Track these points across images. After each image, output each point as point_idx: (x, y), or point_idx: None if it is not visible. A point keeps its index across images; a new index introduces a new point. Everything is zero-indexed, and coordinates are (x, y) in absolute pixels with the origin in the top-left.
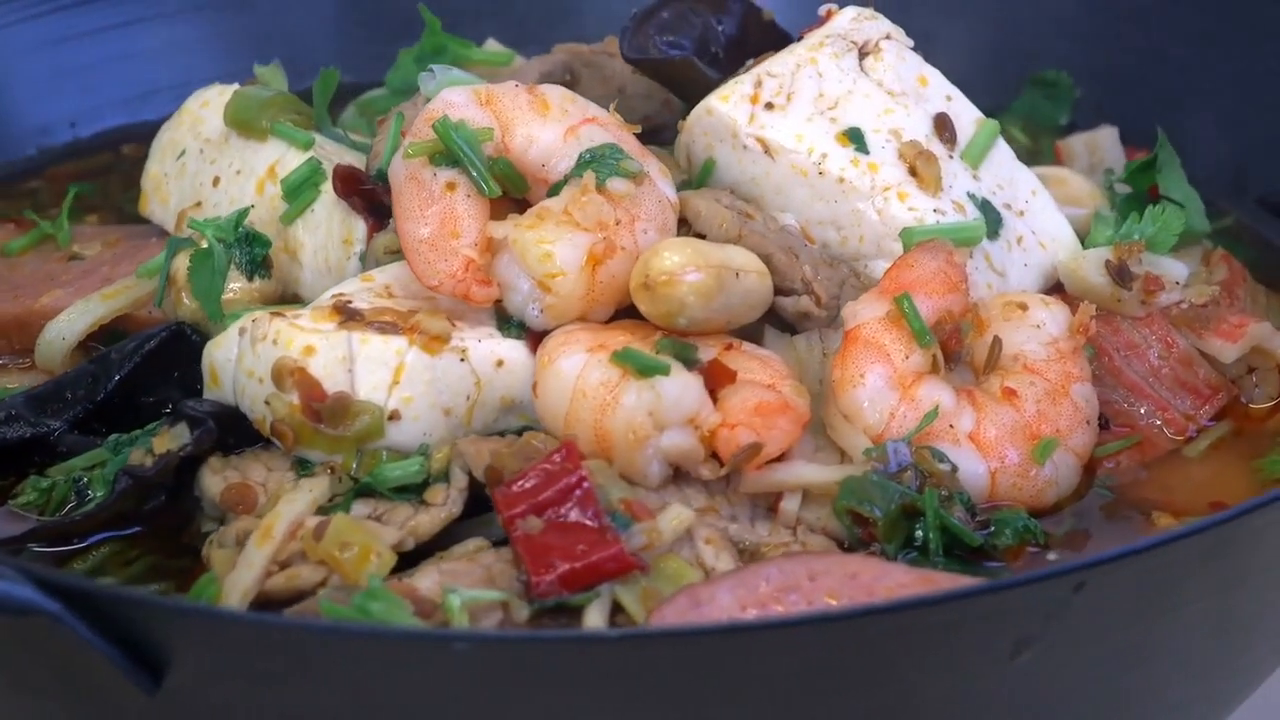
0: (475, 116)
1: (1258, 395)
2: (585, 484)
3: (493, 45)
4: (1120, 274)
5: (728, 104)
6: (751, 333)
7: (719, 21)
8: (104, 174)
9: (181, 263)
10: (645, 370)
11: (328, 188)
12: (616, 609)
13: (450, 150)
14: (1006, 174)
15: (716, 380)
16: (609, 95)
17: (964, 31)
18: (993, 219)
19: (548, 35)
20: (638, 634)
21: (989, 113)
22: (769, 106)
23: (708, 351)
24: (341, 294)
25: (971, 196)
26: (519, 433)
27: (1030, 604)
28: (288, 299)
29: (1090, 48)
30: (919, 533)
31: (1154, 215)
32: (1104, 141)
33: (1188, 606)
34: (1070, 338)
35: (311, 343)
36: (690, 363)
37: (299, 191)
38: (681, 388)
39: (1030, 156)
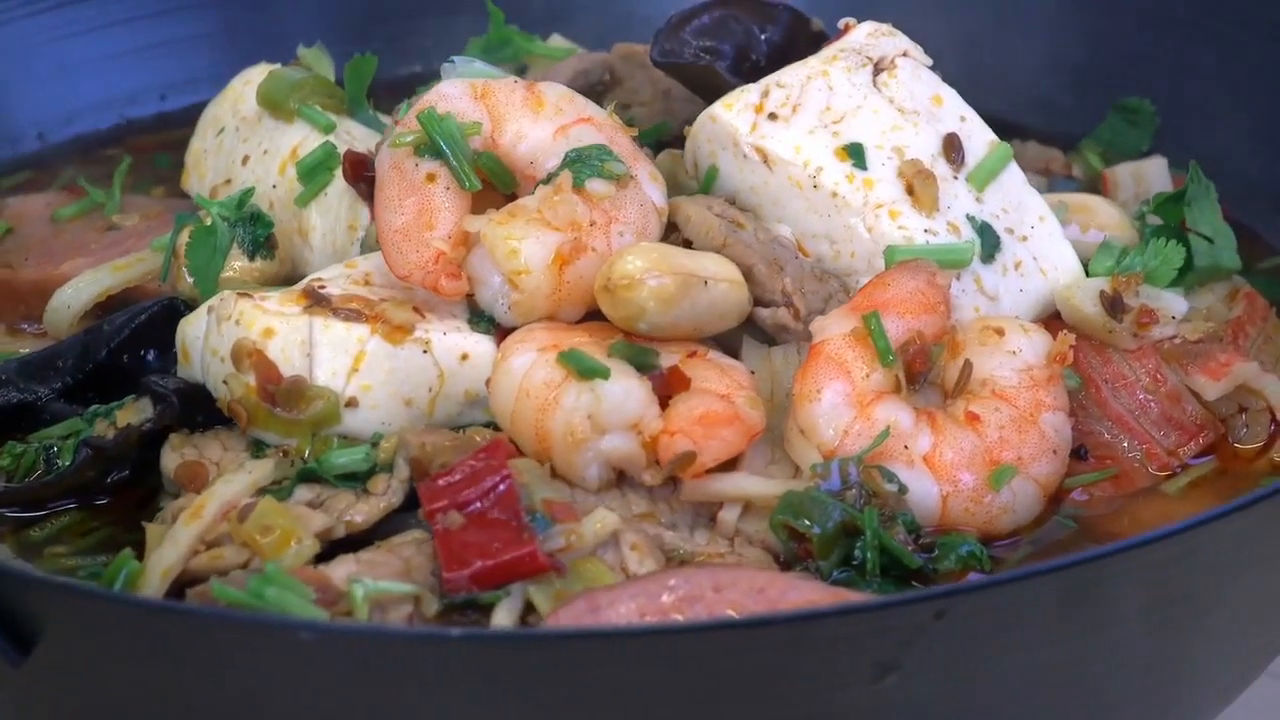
0: (467, 109)
1: (1245, 435)
2: (507, 482)
3: (557, 41)
4: (1113, 305)
5: (731, 112)
6: (728, 342)
7: (762, 30)
8: (183, 147)
9: (185, 239)
10: (585, 373)
11: (340, 173)
12: (530, 609)
13: (433, 141)
14: (1014, 198)
15: (670, 387)
16: (655, 97)
17: (1050, 55)
18: (990, 242)
19: (617, 35)
20: (477, 636)
21: (1071, 139)
22: (772, 117)
23: (670, 358)
24: (318, 279)
25: (971, 219)
26: (488, 426)
27: (888, 628)
28: (295, 280)
29: (1175, 76)
30: (859, 552)
31: (1156, 248)
32: (1150, 171)
33: (1046, 648)
34: (1047, 366)
35: (272, 325)
36: (647, 368)
37: (313, 174)
38: (624, 392)
39: (1094, 183)
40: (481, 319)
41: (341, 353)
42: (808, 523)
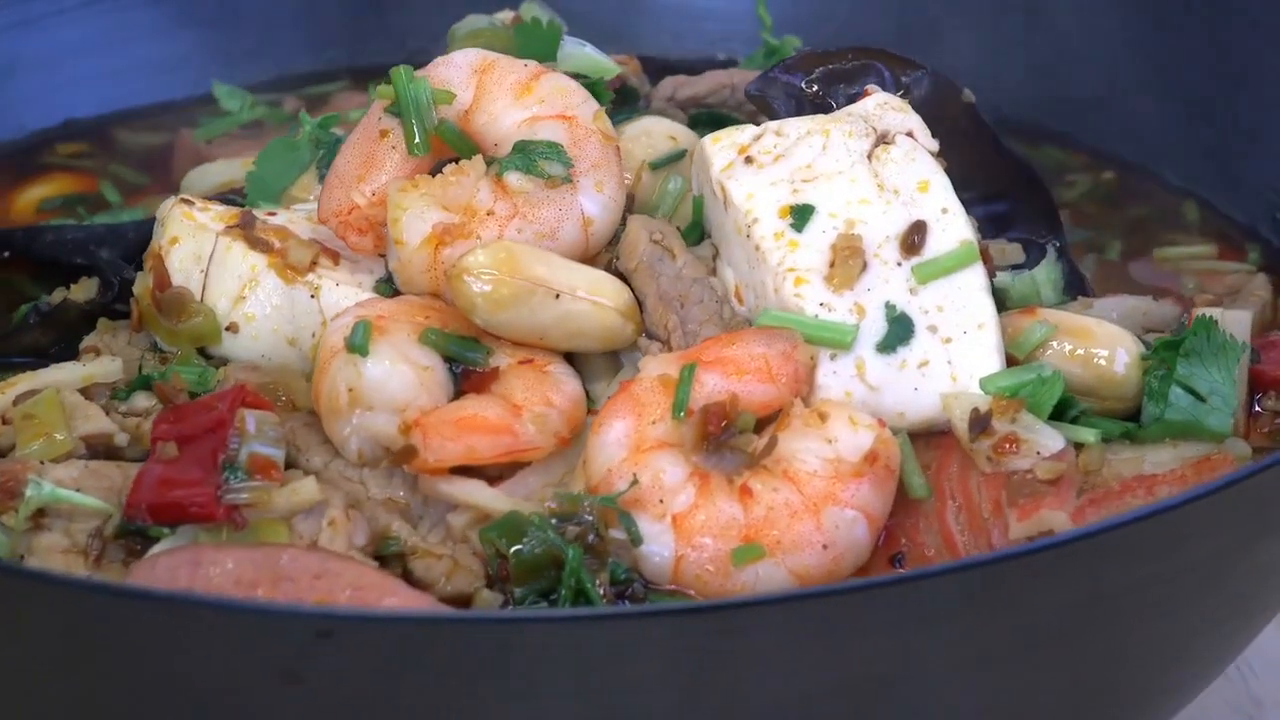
0: (454, 79)
1: None
2: (223, 428)
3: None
4: (976, 424)
5: (715, 146)
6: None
7: (898, 88)
8: None
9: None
10: (350, 348)
11: None
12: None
13: (398, 100)
14: (959, 300)
15: (470, 385)
16: None
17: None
18: (898, 334)
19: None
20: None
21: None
22: (749, 160)
23: (501, 358)
24: (274, 211)
25: (890, 306)
26: None
27: (286, 638)
28: None
29: None
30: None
31: (1042, 379)
32: (1230, 321)
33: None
34: (861, 463)
35: (179, 234)
36: (463, 360)
37: None
38: (385, 374)
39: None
40: (387, 283)
41: (234, 277)
42: (506, 543)
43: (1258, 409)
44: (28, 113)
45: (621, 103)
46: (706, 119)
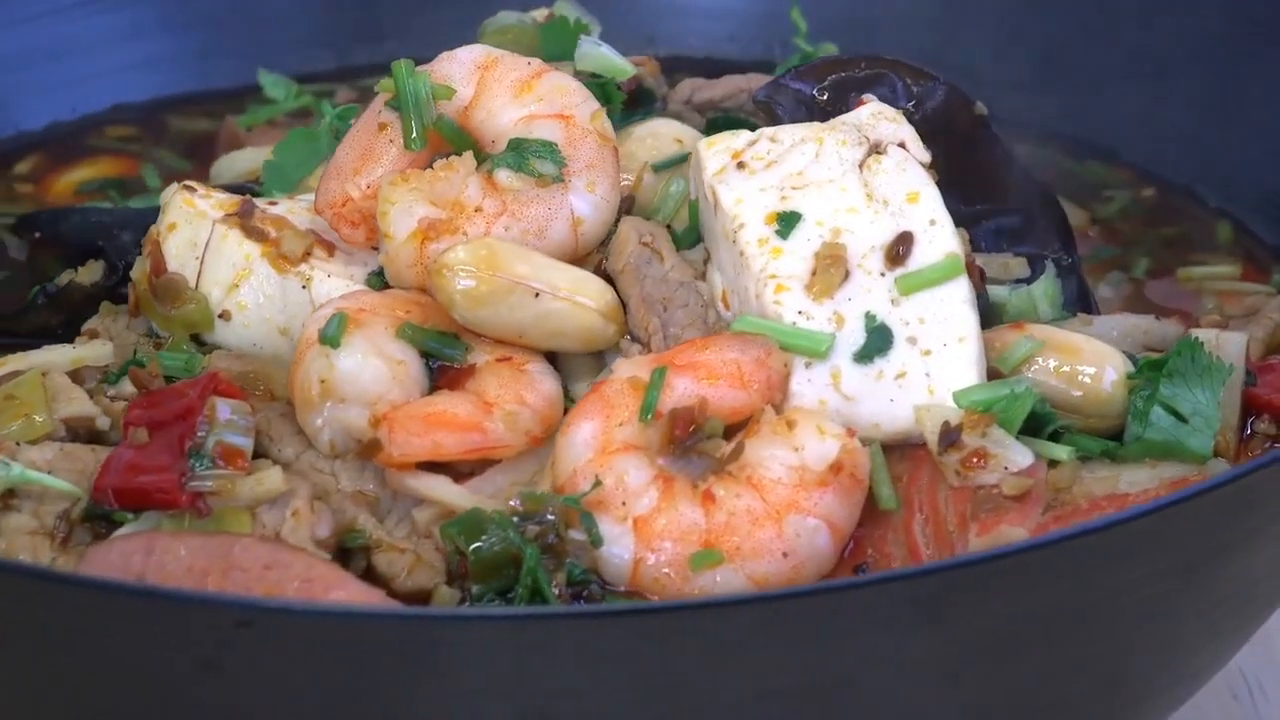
0: (455, 74)
1: None
2: (192, 415)
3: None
4: (945, 437)
5: (710, 150)
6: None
7: (910, 98)
8: None
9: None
10: (323, 340)
11: None
12: None
13: (397, 94)
14: (939, 313)
15: (448, 382)
16: None
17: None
18: (876, 345)
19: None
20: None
21: None
22: (740, 166)
23: (480, 355)
24: (277, 200)
25: (870, 316)
26: None
27: (203, 627)
28: None
29: None
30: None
31: (1014, 395)
32: (1228, 344)
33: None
34: (826, 472)
35: (177, 221)
36: (440, 356)
37: None
38: (357, 367)
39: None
40: (380, 276)
41: (228, 265)
42: (465, 541)
43: (1250, 432)
44: (79, 95)
45: (637, 104)
46: (723, 123)
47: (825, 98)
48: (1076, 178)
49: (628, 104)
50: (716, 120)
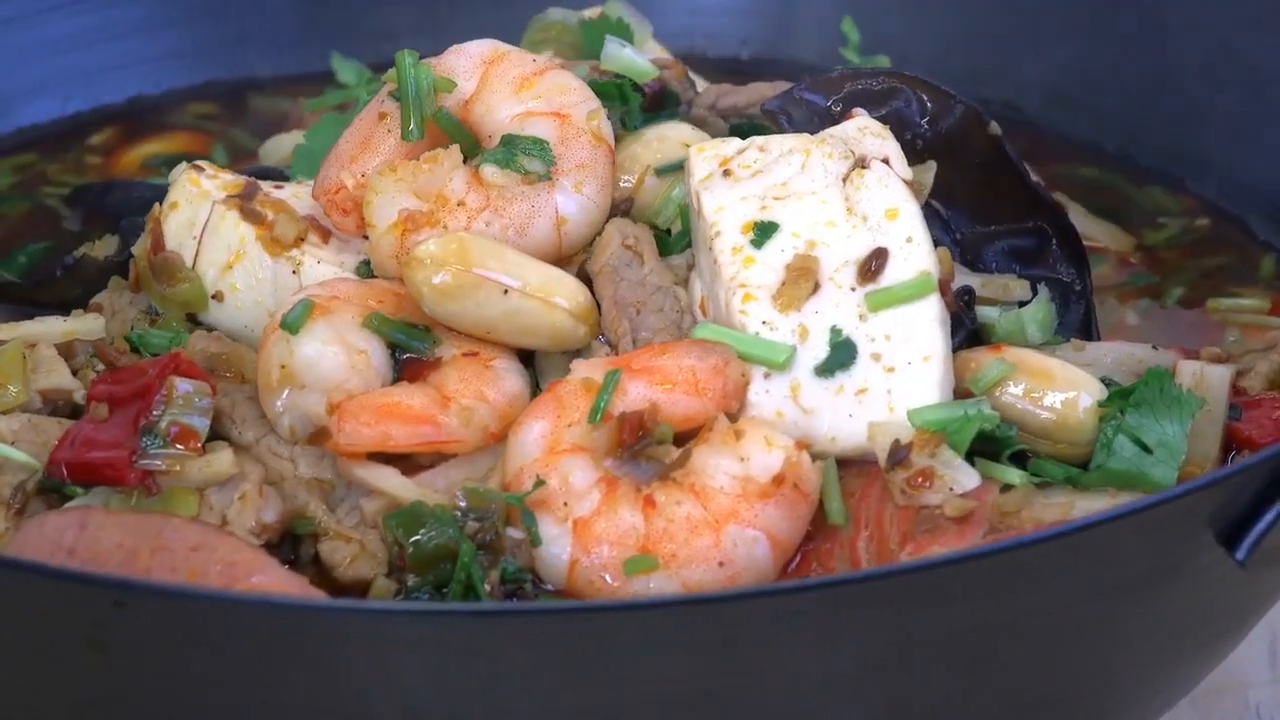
0: (459, 68)
1: None
2: (151, 394)
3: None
4: (892, 455)
5: (699, 156)
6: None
7: (924, 114)
8: None
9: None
10: (284, 325)
11: None
12: None
13: (399, 85)
14: (907, 331)
15: (412, 375)
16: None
17: None
18: (839, 359)
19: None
20: None
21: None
22: (726, 173)
23: (449, 349)
24: (282, 184)
25: (835, 330)
26: None
27: (84, 604)
28: None
29: None
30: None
31: (966, 416)
32: (1213, 378)
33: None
34: (769, 484)
35: (178, 200)
36: (407, 348)
37: None
38: (316, 355)
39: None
40: (368, 265)
41: (224, 246)
42: (404, 533)
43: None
44: (166, 71)
45: (661, 106)
46: (747, 129)
47: (840, 110)
48: (1132, 203)
49: (651, 106)
50: (740, 127)
